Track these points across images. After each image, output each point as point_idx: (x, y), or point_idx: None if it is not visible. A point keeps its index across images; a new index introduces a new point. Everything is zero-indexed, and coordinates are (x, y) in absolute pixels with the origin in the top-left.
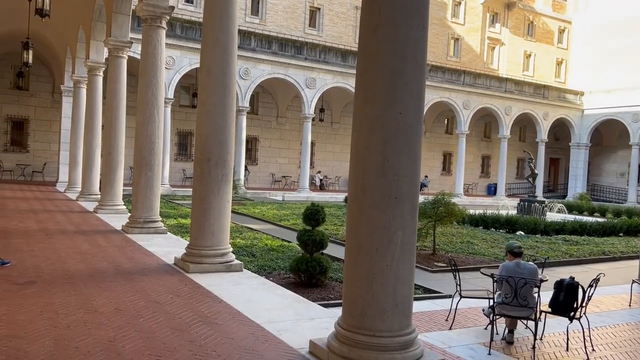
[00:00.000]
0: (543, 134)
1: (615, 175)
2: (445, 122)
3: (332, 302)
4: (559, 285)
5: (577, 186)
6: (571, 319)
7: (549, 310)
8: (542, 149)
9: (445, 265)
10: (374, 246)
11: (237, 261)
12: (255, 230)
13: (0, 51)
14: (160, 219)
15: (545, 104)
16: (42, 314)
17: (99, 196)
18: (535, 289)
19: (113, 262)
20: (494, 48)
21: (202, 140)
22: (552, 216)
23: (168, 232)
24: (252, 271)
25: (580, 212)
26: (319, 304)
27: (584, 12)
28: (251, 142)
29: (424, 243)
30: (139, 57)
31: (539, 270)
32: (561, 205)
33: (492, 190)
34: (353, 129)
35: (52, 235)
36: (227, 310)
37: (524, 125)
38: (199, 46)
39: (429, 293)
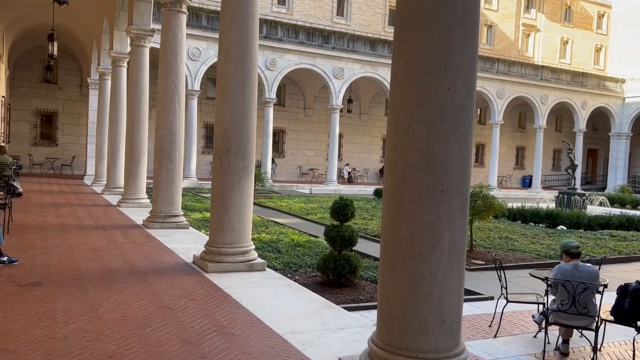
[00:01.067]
0: (581, 124)
1: None
2: (478, 112)
3: (363, 305)
4: (624, 290)
5: (617, 178)
6: (638, 329)
7: (611, 318)
8: (580, 140)
9: (483, 263)
10: (416, 250)
11: (259, 260)
12: (282, 224)
13: (29, 45)
14: (182, 213)
15: (584, 92)
16: (39, 322)
17: (123, 189)
18: (597, 295)
19: (128, 260)
20: (529, 35)
21: (221, 130)
22: (594, 209)
23: (190, 227)
24: (277, 269)
25: (623, 205)
26: (346, 307)
27: None
28: (278, 135)
29: None
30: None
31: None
32: (603, 197)
33: (527, 183)
34: (390, 110)
35: (69, 231)
36: (246, 317)
37: (561, 115)
38: None
39: (469, 294)
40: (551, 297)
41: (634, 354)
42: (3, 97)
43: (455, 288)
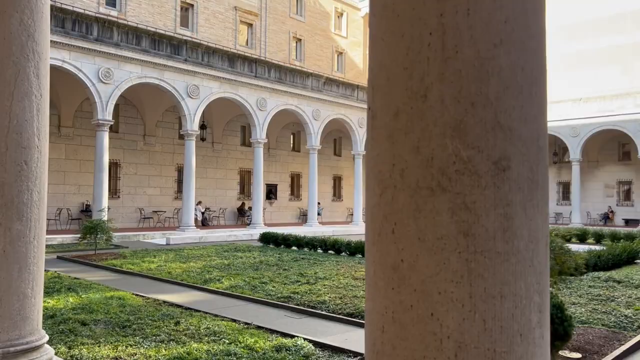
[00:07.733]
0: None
1: None
2: (333, 142)
3: None
4: None
5: None
6: None
7: None
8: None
9: (580, 356)
10: None
11: None
12: (187, 308)
13: None
14: (46, 337)
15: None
16: None
17: None
18: None
19: None
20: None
21: None
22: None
23: None
24: None
25: (582, 240)
26: None
27: None
28: (111, 169)
29: None
30: None
31: None
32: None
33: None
34: None
35: None
36: None
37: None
38: None
39: None
40: None
41: None
42: None
43: None
